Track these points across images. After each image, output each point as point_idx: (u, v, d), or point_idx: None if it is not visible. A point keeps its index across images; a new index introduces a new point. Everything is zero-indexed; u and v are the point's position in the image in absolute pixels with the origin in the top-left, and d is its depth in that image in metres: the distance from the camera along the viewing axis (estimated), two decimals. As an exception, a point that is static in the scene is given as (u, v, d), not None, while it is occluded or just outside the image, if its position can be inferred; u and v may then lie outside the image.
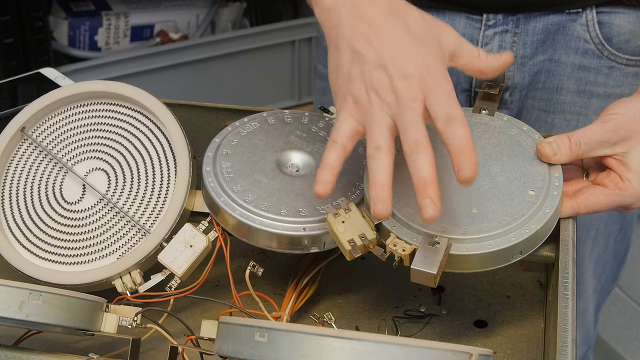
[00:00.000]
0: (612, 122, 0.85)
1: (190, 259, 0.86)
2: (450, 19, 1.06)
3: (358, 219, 0.83)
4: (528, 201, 0.82)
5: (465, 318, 0.93)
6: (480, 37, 1.06)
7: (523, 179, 0.84)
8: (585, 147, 0.85)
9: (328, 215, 0.83)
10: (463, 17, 1.06)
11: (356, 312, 0.94)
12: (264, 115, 0.96)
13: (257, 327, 0.66)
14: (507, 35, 1.05)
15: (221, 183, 0.88)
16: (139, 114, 0.94)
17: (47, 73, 1.10)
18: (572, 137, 0.85)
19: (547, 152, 0.85)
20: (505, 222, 0.81)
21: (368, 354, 0.64)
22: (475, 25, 1.06)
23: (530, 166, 0.85)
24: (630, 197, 0.85)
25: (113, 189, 0.91)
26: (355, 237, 0.82)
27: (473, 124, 0.89)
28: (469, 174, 0.76)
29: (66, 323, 0.77)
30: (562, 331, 0.76)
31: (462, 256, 0.80)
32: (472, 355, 0.65)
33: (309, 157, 0.91)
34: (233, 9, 2.23)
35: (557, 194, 0.83)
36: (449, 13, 1.06)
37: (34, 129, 0.94)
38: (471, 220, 0.81)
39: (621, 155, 0.85)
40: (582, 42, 1.05)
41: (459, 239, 0.80)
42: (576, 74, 1.07)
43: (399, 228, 0.82)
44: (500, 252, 0.80)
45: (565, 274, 0.81)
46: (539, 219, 0.82)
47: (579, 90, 1.08)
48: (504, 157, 0.86)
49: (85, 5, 2.12)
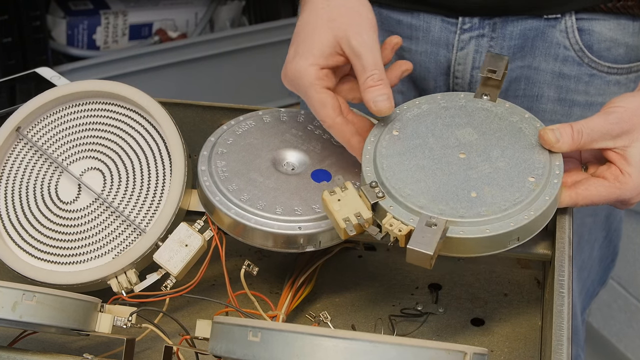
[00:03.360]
0: (615, 115, 0.84)
1: (186, 259, 0.86)
2: (426, 21, 1.05)
3: (354, 197, 0.82)
4: (528, 188, 0.82)
5: (463, 316, 0.93)
6: (455, 42, 1.05)
7: (524, 165, 0.84)
8: (587, 138, 0.84)
9: (324, 193, 0.82)
10: (439, 20, 1.05)
11: (353, 311, 0.93)
12: (259, 113, 0.95)
13: (251, 326, 0.66)
14: (483, 40, 1.04)
15: (216, 182, 0.88)
16: (134, 113, 0.94)
17: (43, 72, 1.10)
18: (574, 126, 0.84)
19: (550, 139, 0.84)
20: (503, 207, 0.80)
21: (362, 353, 0.63)
22: (451, 29, 1.04)
23: (532, 153, 0.85)
24: (630, 191, 0.84)
25: (108, 188, 0.91)
26: (350, 215, 0.81)
27: (474, 109, 0.89)
28: None
29: (60, 323, 0.76)
30: (558, 329, 0.76)
31: (459, 239, 0.79)
32: (466, 354, 0.65)
33: (304, 156, 0.91)
34: (232, 7, 2.23)
35: (557, 182, 0.83)
36: (425, 15, 1.05)
37: (29, 129, 0.94)
38: (470, 204, 0.81)
39: (622, 148, 0.84)
40: (562, 49, 1.04)
41: (456, 222, 0.79)
42: (556, 81, 1.06)
43: (395, 208, 0.81)
44: (498, 237, 0.80)
45: (561, 271, 0.81)
46: (538, 206, 0.81)
47: (559, 99, 1.07)
48: (505, 142, 0.86)
49: (84, 4, 2.12)
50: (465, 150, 0.85)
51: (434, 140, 0.85)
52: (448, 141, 0.85)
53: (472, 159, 0.84)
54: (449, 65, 1.07)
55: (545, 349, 0.81)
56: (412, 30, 1.06)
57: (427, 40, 1.06)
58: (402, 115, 0.88)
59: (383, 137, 0.86)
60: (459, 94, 0.90)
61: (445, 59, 1.06)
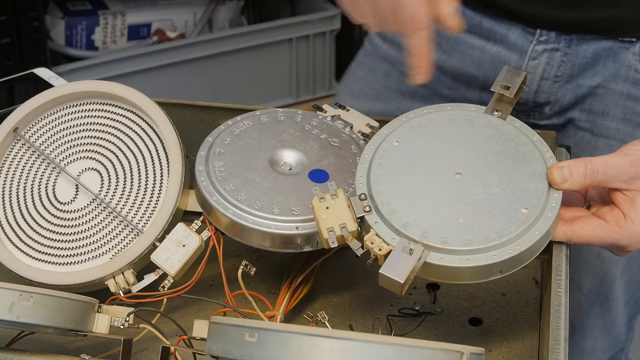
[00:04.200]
0: (632, 157, 0.82)
1: (183, 259, 0.86)
2: (506, 28, 1.06)
3: (343, 207, 0.81)
4: (518, 219, 0.79)
5: (461, 316, 0.93)
6: (529, 50, 1.06)
7: (519, 194, 0.80)
8: (603, 177, 0.81)
9: (313, 199, 0.81)
10: (519, 27, 1.06)
11: (350, 311, 0.93)
12: (257, 113, 0.95)
13: (247, 327, 0.66)
14: (556, 54, 1.05)
15: (214, 182, 0.87)
16: (131, 113, 0.94)
17: (40, 73, 1.10)
18: (588, 165, 0.81)
19: (555, 179, 0.81)
20: (489, 237, 0.77)
21: (358, 353, 0.63)
22: (528, 38, 1.05)
23: (530, 181, 0.81)
24: (628, 238, 0.82)
25: (106, 189, 0.91)
26: (335, 226, 0.80)
27: (481, 126, 0.85)
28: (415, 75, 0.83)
29: (57, 324, 0.76)
30: (555, 329, 0.76)
31: (437, 266, 0.77)
32: (463, 354, 0.65)
33: (302, 156, 0.91)
34: (230, 7, 2.23)
35: (552, 215, 0.79)
36: (506, 22, 1.06)
37: (27, 130, 0.94)
38: (455, 230, 0.78)
39: (633, 192, 0.82)
40: (633, 72, 1.04)
41: (437, 247, 0.77)
42: (623, 101, 1.05)
43: (380, 225, 0.79)
44: (478, 268, 0.77)
45: (559, 271, 0.81)
46: (526, 240, 0.78)
47: (625, 119, 1.06)
48: (505, 166, 0.82)
49: (82, 4, 2.12)
50: (462, 171, 0.82)
51: (432, 157, 0.83)
52: (447, 158, 0.83)
53: (467, 181, 0.81)
54: None
55: (542, 348, 0.81)
56: (490, 32, 1.08)
57: (502, 44, 1.07)
58: (406, 124, 0.86)
59: (382, 146, 0.85)
60: (471, 107, 0.87)
61: (515, 65, 1.07)
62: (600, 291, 1.17)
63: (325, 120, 0.95)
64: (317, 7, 2.23)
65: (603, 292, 1.17)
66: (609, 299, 1.18)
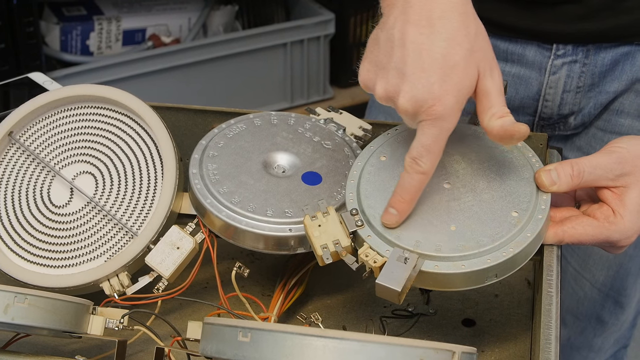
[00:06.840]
0: (617, 155, 0.83)
1: (178, 261, 0.87)
2: (522, 46, 1.06)
3: (335, 224, 0.82)
4: (509, 223, 0.80)
5: (453, 317, 0.93)
6: (548, 66, 1.06)
7: (508, 199, 0.81)
8: (589, 177, 0.82)
9: (305, 218, 0.83)
10: (535, 45, 1.06)
11: (344, 312, 0.94)
12: (250, 117, 0.96)
13: (241, 327, 0.66)
14: (575, 66, 1.05)
15: (207, 185, 0.88)
16: (125, 117, 0.94)
17: (35, 77, 1.10)
18: (575, 166, 0.82)
19: (543, 182, 0.82)
20: (482, 242, 0.78)
21: (351, 352, 0.64)
22: (545, 54, 1.06)
23: (518, 186, 0.82)
24: (619, 233, 0.82)
25: (100, 192, 0.91)
26: (329, 242, 0.82)
27: (466, 136, 0.87)
28: (385, 219, 0.80)
29: (52, 326, 0.77)
30: (546, 328, 0.76)
31: (432, 274, 0.78)
32: (455, 353, 0.65)
33: (295, 158, 0.91)
34: (225, 12, 2.23)
35: (542, 217, 0.80)
36: (521, 41, 1.06)
37: (22, 133, 0.95)
38: (448, 237, 0.79)
39: (620, 189, 0.83)
40: None
41: (431, 255, 0.78)
42: (638, 100, 1.06)
43: (373, 238, 0.80)
44: (474, 273, 0.78)
45: (550, 272, 0.81)
46: (518, 243, 0.79)
47: (639, 115, 1.07)
48: (492, 173, 0.84)
49: (77, 9, 2.13)
50: (450, 180, 0.83)
51: None
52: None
53: (456, 189, 0.83)
54: (540, 88, 1.08)
55: (534, 348, 0.82)
56: (507, 54, 1.08)
57: (521, 63, 1.07)
58: (393, 139, 0.87)
59: (370, 161, 0.86)
60: None
61: (537, 82, 1.07)
62: (614, 285, 1.18)
63: (319, 123, 0.96)
64: (312, 11, 2.24)
65: (616, 286, 1.18)
66: (622, 294, 1.18)
